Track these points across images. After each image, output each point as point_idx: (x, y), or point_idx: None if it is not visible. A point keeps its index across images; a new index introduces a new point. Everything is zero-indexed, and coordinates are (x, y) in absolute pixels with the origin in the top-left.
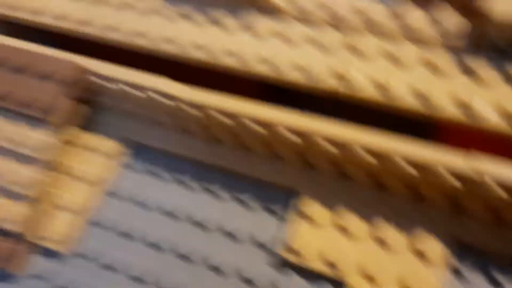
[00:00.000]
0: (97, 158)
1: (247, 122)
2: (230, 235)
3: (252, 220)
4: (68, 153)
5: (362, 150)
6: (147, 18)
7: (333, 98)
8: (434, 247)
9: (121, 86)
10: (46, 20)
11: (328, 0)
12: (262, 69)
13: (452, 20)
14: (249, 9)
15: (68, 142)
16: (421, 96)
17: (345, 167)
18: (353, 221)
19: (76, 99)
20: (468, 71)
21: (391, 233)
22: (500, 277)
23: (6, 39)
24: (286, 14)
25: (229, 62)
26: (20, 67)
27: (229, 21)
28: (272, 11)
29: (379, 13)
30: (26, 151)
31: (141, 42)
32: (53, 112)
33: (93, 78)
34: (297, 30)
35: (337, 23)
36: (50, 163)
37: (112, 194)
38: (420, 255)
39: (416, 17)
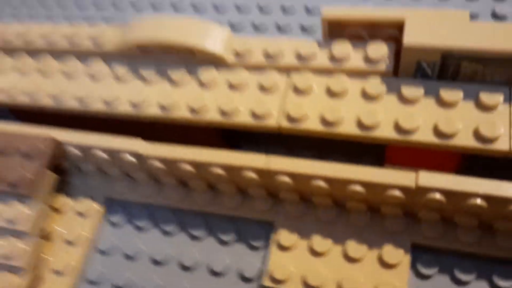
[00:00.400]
0: (78, 219)
1: (209, 168)
2: (217, 274)
3: (234, 256)
4: (51, 220)
5: (320, 180)
6: (94, 82)
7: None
8: (395, 254)
9: (87, 150)
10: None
11: (264, 44)
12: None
13: (379, 49)
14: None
15: (49, 210)
16: (359, 122)
17: (310, 196)
18: (324, 243)
19: (50, 168)
20: (398, 95)
21: (357, 248)
22: (458, 272)
23: None
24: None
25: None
26: None
27: (177, 75)
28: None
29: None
30: (11, 224)
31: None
32: (27, 184)
33: (67, 148)
34: (240, 76)
35: (275, 65)
36: (35, 232)
37: (98, 250)
38: (384, 263)
39: (346, 50)
